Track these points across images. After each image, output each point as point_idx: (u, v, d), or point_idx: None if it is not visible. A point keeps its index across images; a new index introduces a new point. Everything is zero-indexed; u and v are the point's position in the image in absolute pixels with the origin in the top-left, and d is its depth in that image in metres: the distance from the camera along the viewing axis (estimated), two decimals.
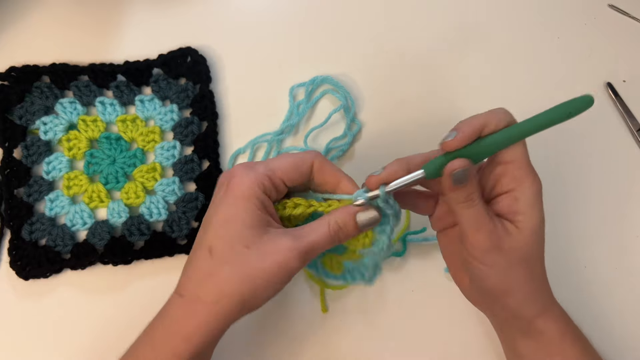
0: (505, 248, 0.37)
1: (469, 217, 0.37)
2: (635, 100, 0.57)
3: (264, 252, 0.35)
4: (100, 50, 0.55)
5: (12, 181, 0.50)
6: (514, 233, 0.37)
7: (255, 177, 0.36)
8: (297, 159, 0.38)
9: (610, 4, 0.61)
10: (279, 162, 0.38)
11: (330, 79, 0.55)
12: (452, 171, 0.35)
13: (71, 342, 0.47)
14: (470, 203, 0.36)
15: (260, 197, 0.36)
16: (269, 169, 0.37)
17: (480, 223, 0.36)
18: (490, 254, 0.37)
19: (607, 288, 0.51)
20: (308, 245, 0.35)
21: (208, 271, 0.35)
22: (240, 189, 0.36)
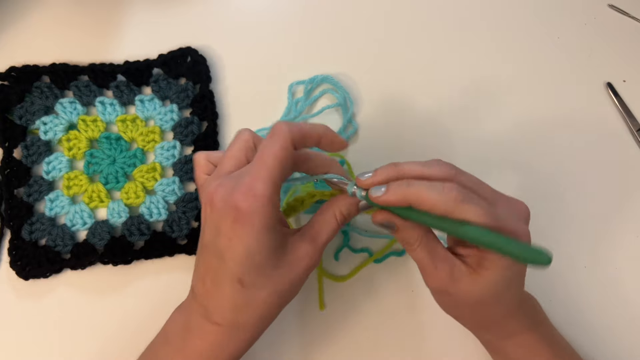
0: (452, 292, 0.36)
1: (414, 259, 0.37)
2: (635, 100, 0.57)
3: (290, 265, 0.36)
4: (100, 50, 0.55)
5: (12, 181, 0.50)
6: (465, 280, 0.35)
7: (267, 203, 0.33)
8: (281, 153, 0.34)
9: (610, 4, 0.61)
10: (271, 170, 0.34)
11: (330, 78, 0.55)
12: (376, 221, 0.37)
13: (71, 342, 0.47)
14: (408, 247, 0.37)
15: (275, 218, 0.34)
16: (272, 184, 0.33)
17: (424, 267, 0.36)
18: (437, 293, 0.38)
19: (607, 288, 0.51)
20: (324, 243, 0.38)
21: (244, 302, 0.35)
22: (256, 221, 0.33)
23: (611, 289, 0.51)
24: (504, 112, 0.56)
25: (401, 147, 0.54)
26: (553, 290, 0.51)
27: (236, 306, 0.35)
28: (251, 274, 0.34)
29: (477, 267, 0.35)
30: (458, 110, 0.56)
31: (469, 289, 0.35)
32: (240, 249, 0.33)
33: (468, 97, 0.56)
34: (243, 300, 0.35)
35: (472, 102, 0.56)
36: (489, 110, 0.56)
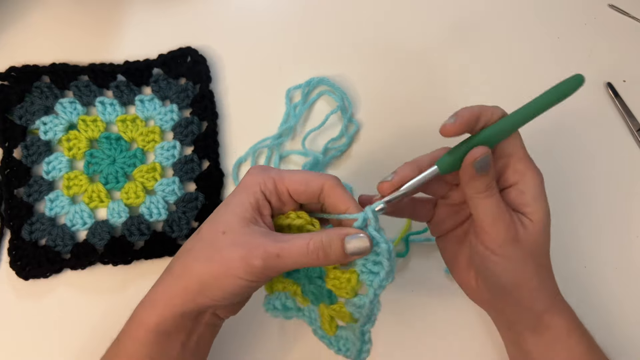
0: (520, 239, 0.37)
1: (488, 207, 0.37)
2: (635, 100, 0.57)
3: (234, 242, 0.34)
4: (100, 50, 0.55)
5: (12, 181, 0.50)
6: (527, 224, 0.37)
7: (261, 177, 0.37)
8: (308, 176, 0.37)
9: (610, 4, 0.61)
10: (291, 173, 0.38)
11: (326, 80, 0.55)
12: (474, 159, 0.35)
13: (71, 342, 0.47)
14: (490, 192, 0.37)
15: (257, 195, 0.36)
16: (279, 176, 0.37)
17: (499, 214, 0.37)
18: (507, 246, 0.37)
19: (607, 288, 0.51)
20: (279, 249, 0.34)
21: (187, 248, 0.37)
22: (244, 183, 0.37)
23: (611, 289, 0.51)
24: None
25: (402, 145, 0.54)
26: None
27: (180, 254, 0.37)
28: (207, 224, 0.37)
29: (521, 208, 0.38)
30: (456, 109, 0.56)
31: (532, 231, 0.37)
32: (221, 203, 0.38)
33: (466, 96, 0.56)
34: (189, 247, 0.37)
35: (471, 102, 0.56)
36: None
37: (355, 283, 0.35)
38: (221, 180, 0.52)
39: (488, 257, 0.38)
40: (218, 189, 0.51)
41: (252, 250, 0.34)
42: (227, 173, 0.52)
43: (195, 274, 0.35)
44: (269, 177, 0.37)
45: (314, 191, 0.37)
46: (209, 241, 0.36)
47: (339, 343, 0.39)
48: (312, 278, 0.39)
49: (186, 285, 0.35)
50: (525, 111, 0.37)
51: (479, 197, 0.37)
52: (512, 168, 0.38)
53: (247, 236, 0.35)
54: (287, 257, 0.34)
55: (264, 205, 0.37)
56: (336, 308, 0.37)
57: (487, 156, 0.35)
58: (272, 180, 0.37)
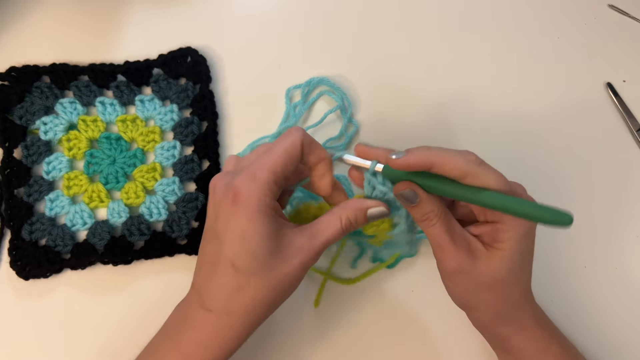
0: (470, 272, 0.36)
1: (430, 236, 0.37)
2: (635, 100, 0.57)
3: (286, 257, 0.35)
4: (100, 50, 0.55)
5: (12, 181, 0.50)
6: (482, 257, 0.36)
7: (264, 187, 0.35)
8: (288, 149, 0.36)
9: (610, 4, 0.61)
10: (274, 160, 0.35)
11: (326, 80, 0.55)
12: (398, 191, 0.36)
13: (71, 342, 0.47)
14: (428, 222, 0.36)
15: (272, 205, 0.35)
16: (272, 172, 0.35)
17: (442, 244, 0.36)
18: (454, 274, 0.37)
19: (607, 288, 0.51)
20: (324, 242, 0.36)
21: (236, 286, 0.34)
22: (251, 202, 0.34)
23: (611, 289, 0.51)
24: (503, 112, 0.56)
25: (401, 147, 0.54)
26: (553, 290, 0.51)
27: (228, 291, 0.35)
28: (244, 258, 0.34)
29: (492, 243, 0.36)
30: (457, 111, 0.56)
31: (487, 265, 0.36)
32: (236, 230, 0.34)
33: (467, 96, 0.56)
34: (235, 285, 0.34)
35: (471, 101, 0.56)
36: (488, 110, 0.56)
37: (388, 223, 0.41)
38: None
39: (441, 276, 0.39)
40: None
41: (307, 255, 0.36)
42: None
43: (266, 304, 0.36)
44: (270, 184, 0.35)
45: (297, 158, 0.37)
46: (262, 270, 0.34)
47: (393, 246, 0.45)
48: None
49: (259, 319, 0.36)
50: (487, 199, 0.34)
51: (420, 225, 0.37)
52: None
53: (293, 246, 0.36)
54: (330, 244, 0.37)
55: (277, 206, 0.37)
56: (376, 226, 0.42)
57: (410, 192, 0.36)
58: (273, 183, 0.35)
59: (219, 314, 0.35)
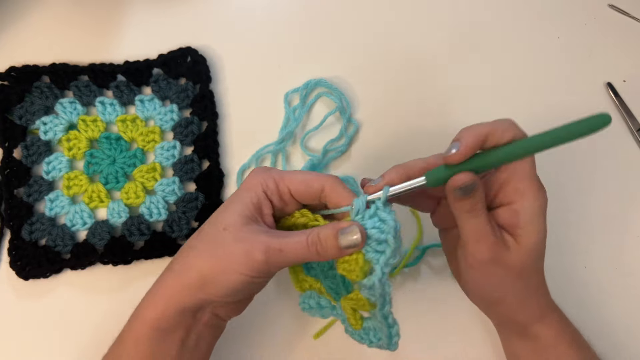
0: (503, 261, 0.37)
1: (472, 227, 0.37)
2: (635, 100, 0.57)
3: (235, 238, 0.35)
4: (100, 50, 0.55)
5: (12, 181, 0.50)
6: (513, 248, 0.37)
7: (263, 177, 0.38)
8: (309, 177, 0.38)
9: (610, 4, 0.61)
10: (292, 173, 0.38)
11: (323, 81, 0.54)
12: (456, 186, 0.35)
13: (71, 342, 0.47)
14: (474, 213, 0.36)
15: (258, 194, 0.37)
16: (280, 176, 0.38)
17: (482, 234, 0.36)
18: (488, 266, 0.37)
19: (607, 288, 0.51)
20: (279, 244, 0.35)
21: (189, 246, 0.37)
22: (246, 183, 0.38)
23: (611, 288, 0.51)
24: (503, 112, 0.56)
25: (401, 145, 0.54)
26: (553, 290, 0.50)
27: (182, 251, 0.38)
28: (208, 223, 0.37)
29: (513, 229, 0.37)
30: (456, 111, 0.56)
31: (517, 255, 0.36)
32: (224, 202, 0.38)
33: (467, 96, 0.56)
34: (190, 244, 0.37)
35: (471, 102, 0.56)
36: (488, 110, 0.56)
37: (362, 262, 0.35)
38: (221, 180, 0.52)
39: (469, 272, 0.38)
40: (218, 189, 0.51)
41: (254, 245, 0.34)
42: (227, 173, 0.52)
43: (196, 270, 0.35)
44: (270, 177, 0.38)
45: (315, 191, 0.37)
46: (211, 238, 0.36)
47: (369, 335, 0.39)
48: (325, 271, 0.39)
49: (187, 281, 0.36)
50: (537, 142, 0.34)
51: (462, 216, 0.37)
52: (513, 186, 0.36)
53: (248, 233, 0.35)
54: (288, 252, 0.35)
55: (265, 204, 0.37)
56: (353, 296, 0.37)
57: (470, 182, 0.34)
58: (273, 180, 0.38)
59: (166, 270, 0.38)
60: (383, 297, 0.35)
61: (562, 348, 0.39)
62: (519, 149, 0.34)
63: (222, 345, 0.47)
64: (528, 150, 0.34)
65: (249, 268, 0.34)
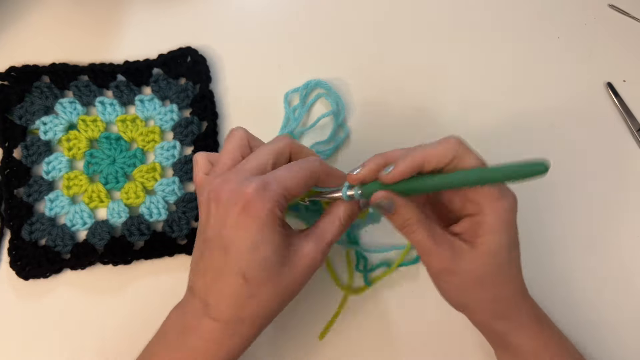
0: (459, 270, 0.36)
1: (413, 242, 0.37)
2: (635, 100, 0.57)
3: (294, 264, 0.36)
4: (100, 50, 0.55)
5: (12, 181, 0.50)
6: (468, 256, 0.36)
7: (275, 200, 0.34)
8: (307, 176, 0.37)
9: (610, 4, 0.61)
10: (291, 179, 0.36)
11: (323, 83, 0.54)
12: (372, 203, 0.36)
13: (71, 342, 0.47)
14: (409, 229, 0.37)
15: (281, 217, 0.35)
16: (284, 188, 0.35)
17: (426, 249, 0.37)
18: (442, 275, 0.38)
19: (607, 288, 0.51)
20: (328, 242, 0.38)
21: (247, 295, 0.34)
22: (262, 214, 0.34)
23: (611, 289, 0.51)
24: (503, 112, 0.56)
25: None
26: (553, 290, 0.51)
27: (238, 302, 0.34)
28: (255, 269, 0.34)
29: (474, 239, 0.36)
30: (455, 111, 0.56)
31: (472, 262, 0.36)
32: (246, 241, 0.34)
33: (467, 97, 0.56)
34: (245, 295, 0.34)
35: (471, 102, 0.56)
36: (487, 111, 0.56)
37: None
38: None
39: (433, 279, 0.39)
40: None
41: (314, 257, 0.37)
42: None
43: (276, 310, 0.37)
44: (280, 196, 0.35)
45: (313, 184, 0.38)
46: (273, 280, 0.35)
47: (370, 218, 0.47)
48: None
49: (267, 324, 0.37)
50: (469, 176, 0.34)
51: (401, 232, 0.38)
52: (472, 199, 0.36)
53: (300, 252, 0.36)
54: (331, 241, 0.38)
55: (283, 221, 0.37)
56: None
57: (387, 200, 0.36)
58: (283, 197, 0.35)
59: (225, 323, 0.35)
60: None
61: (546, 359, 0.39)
62: (453, 180, 0.35)
63: None
64: (462, 182, 0.34)
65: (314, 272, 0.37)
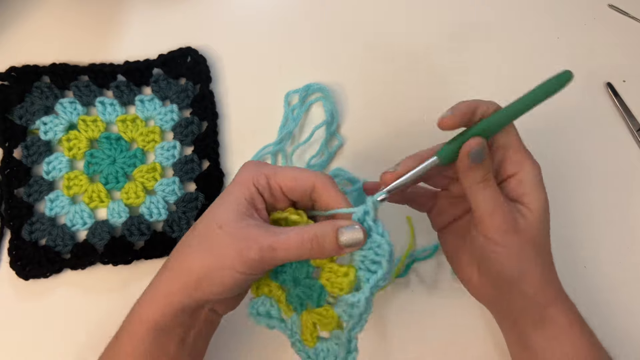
0: (520, 229, 0.38)
1: (486, 198, 0.38)
2: (635, 100, 0.57)
3: (229, 235, 0.35)
4: (100, 50, 0.55)
5: (12, 181, 0.50)
6: (526, 214, 0.38)
7: (254, 173, 0.37)
8: (299, 173, 0.38)
9: (610, 4, 0.61)
10: (284, 169, 0.38)
11: (323, 88, 0.54)
12: (469, 150, 0.36)
13: (71, 342, 0.47)
14: (487, 183, 0.37)
15: (251, 189, 0.37)
16: (271, 172, 0.38)
17: (497, 204, 0.37)
18: (507, 235, 0.38)
19: (607, 288, 0.51)
20: (275, 241, 0.34)
21: (184, 244, 0.37)
22: (238, 178, 0.38)
23: (611, 289, 0.51)
24: None
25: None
26: None
27: (176, 251, 0.38)
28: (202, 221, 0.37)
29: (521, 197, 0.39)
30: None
31: (530, 220, 0.38)
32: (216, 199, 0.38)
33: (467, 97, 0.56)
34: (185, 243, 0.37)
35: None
36: None
37: (353, 278, 0.35)
38: (221, 180, 0.52)
39: (489, 248, 0.38)
40: (218, 189, 0.51)
41: (249, 243, 0.34)
42: (227, 173, 0.52)
43: (192, 269, 0.35)
44: (260, 173, 0.38)
45: (304, 188, 0.37)
46: (205, 236, 0.36)
47: (319, 356, 0.36)
48: (300, 279, 0.38)
49: (184, 280, 0.36)
50: (519, 104, 0.38)
51: (476, 189, 0.38)
52: (510, 159, 0.39)
53: (242, 229, 0.35)
54: (283, 249, 0.34)
55: (258, 199, 0.37)
56: (322, 312, 0.36)
57: (481, 146, 0.36)
58: (264, 175, 0.38)
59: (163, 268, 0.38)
60: (359, 318, 0.34)
61: (576, 333, 0.40)
62: (504, 114, 0.38)
63: (221, 345, 0.47)
64: (511, 114, 0.38)
65: (243, 266, 0.34)
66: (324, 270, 0.36)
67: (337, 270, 0.36)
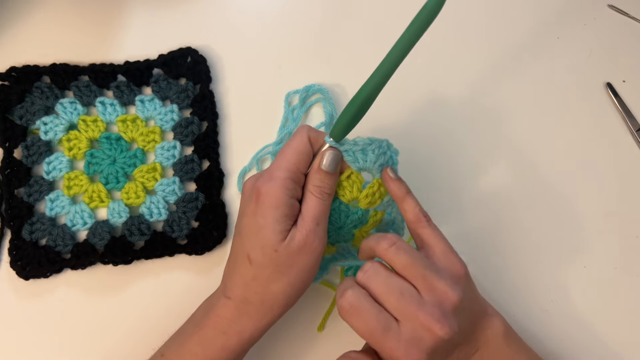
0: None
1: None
2: (635, 100, 0.57)
3: (293, 252, 0.37)
4: (100, 50, 0.55)
5: (13, 181, 0.50)
6: None
7: (280, 185, 0.38)
8: (298, 147, 0.39)
9: (610, 4, 0.61)
10: (288, 159, 0.39)
11: (323, 89, 0.54)
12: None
13: (71, 342, 0.47)
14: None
15: (288, 203, 0.38)
16: (287, 171, 0.38)
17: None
18: None
19: (607, 288, 0.51)
20: (312, 220, 0.38)
21: (251, 276, 0.38)
22: (269, 200, 0.38)
23: (611, 289, 0.51)
24: (502, 113, 0.56)
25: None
26: (553, 290, 0.51)
27: (244, 281, 0.38)
28: (257, 251, 0.38)
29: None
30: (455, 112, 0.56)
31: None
32: (253, 226, 0.38)
33: (466, 98, 0.56)
34: (251, 275, 0.38)
35: (470, 103, 0.56)
36: (486, 111, 0.56)
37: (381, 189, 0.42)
38: (221, 180, 0.52)
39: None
40: (218, 189, 0.51)
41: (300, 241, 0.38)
42: (227, 173, 0.53)
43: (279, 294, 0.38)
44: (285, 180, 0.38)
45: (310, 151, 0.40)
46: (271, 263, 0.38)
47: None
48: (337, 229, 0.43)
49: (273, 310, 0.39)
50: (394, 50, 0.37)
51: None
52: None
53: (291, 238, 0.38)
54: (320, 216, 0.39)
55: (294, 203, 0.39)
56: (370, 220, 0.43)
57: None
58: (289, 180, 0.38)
59: (236, 301, 0.38)
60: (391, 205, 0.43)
61: None
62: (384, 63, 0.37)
63: None
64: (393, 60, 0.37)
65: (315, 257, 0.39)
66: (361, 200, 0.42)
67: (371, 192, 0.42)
